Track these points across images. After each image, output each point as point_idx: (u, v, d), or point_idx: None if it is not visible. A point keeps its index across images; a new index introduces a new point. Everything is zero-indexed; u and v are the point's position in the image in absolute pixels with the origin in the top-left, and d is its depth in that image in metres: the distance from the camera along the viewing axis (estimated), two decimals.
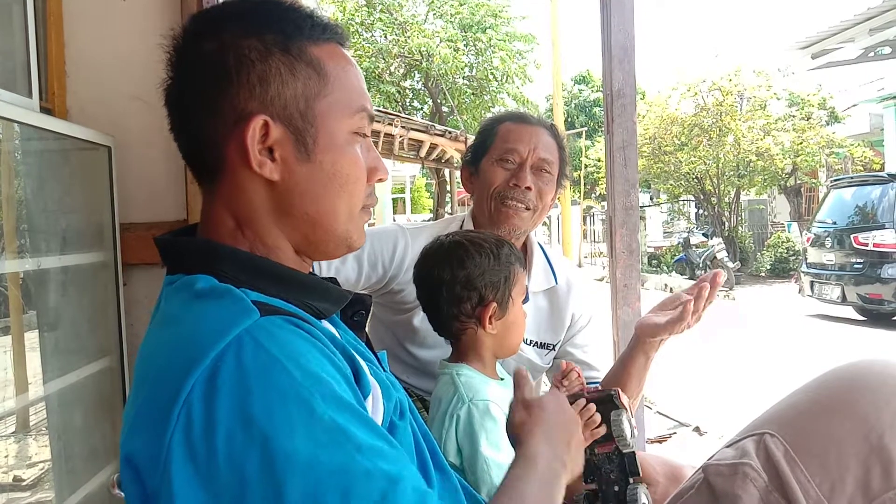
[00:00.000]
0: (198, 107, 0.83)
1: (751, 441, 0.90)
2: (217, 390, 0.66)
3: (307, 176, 0.83)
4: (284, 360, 0.69)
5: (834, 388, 0.91)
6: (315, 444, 0.65)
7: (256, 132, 0.80)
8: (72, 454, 2.07)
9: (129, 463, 0.72)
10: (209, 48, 0.82)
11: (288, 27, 0.83)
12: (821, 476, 0.84)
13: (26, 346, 2.05)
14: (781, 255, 15.33)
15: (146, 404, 0.72)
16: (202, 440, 0.65)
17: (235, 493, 0.64)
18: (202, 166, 0.86)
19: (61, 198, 2.10)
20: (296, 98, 0.82)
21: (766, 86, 16.41)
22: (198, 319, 0.73)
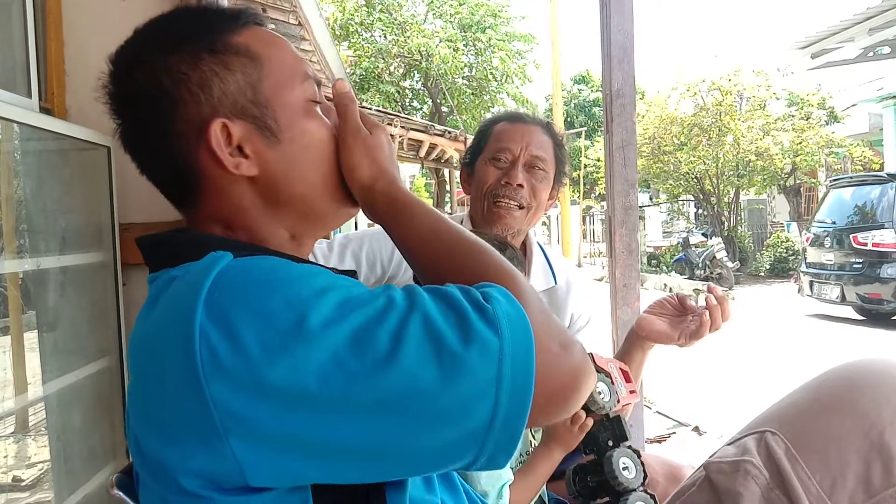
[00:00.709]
0: (157, 138, 0.83)
1: (752, 439, 0.90)
2: (224, 314, 0.66)
3: (284, 157, 0.84)
4: (273, 265, 0.72)
5: (834, 386, 0.92)
6: (337, 302, 0.67)
7: (219, 136, 0.80)
8: (71, 454, 2.07)
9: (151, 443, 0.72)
10: (141, 80, 0.82)
11: (204, 28, 0.84)
12: (822, 473, 0.84)
13: (25, 347, 2.05)
14: (781, 255, 15.34)
15: (163, 380, 0.70)
16: (239, 360, 0.64)
17: (295, 381, 0.64)
18: (182, 192, 0.86)
19: (60, 198, 2.10)
20: (241, 89, 0.82)
21: (766, 85, 16.42)
22: (183, 277, 0.73)
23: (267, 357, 0.64)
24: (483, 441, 0.67)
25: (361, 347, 0.65)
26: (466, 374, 0.65)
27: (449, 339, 0.66)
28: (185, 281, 0.72)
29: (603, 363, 1.26)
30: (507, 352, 0.66)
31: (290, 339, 0.64)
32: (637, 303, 2.18)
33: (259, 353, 0.64)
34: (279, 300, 0.67)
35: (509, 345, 0.67)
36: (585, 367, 0.73)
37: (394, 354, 0.65)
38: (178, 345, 0.67)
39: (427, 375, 0.65)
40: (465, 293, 0.70)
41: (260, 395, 0.64)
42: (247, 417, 0.65)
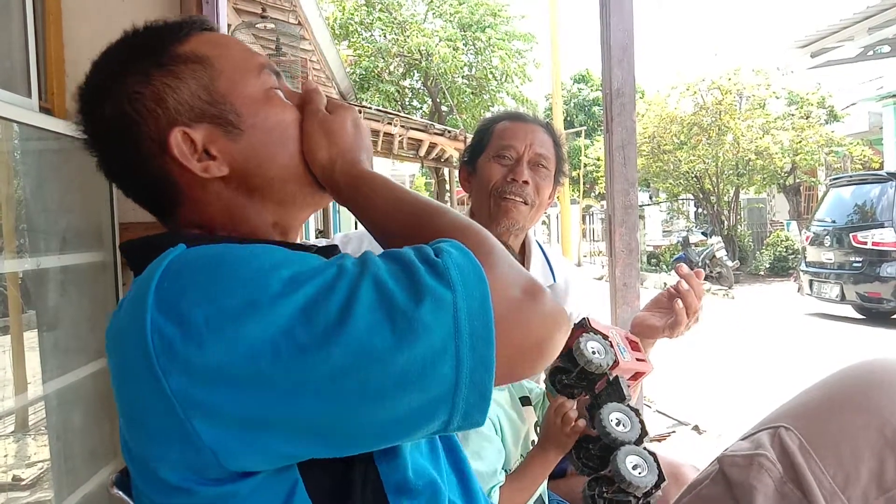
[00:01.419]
0: (129, 161, 0.84)
1: (766, 434, 0.91)
2: (172, 303, 0.66)
3: (250, 146, 0.84)
4: (221, 249, 0.70)
5: (848, 384, 0.93)
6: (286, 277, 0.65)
7: (181, 144, 0.81)
8: (71, 454, 2.07)
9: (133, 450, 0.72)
10: (105, 110, 0.83)
11: (150, 44, 0.85)
12: (835, 468, 0.85)
13: (25, 346, 2.05)
14: (780, 254, 15.34)
15: (125, 374, 0.71)
16: (192, 346, 0.64)
17: (247, 361, 0.63)
18: (163, 205, 0.87)
19: (60, 198, 2.10)
20: (195, 94, 0.83)
21: (766, 85, 16.41)
22: (140, 276, 0.73)
23: (217, 340, 0.63)
24: (452, 400, 0.64)
25: (311, 319, 0.63)
26: (422, 332, 0.63)
27: (399, 299, 0.64)
28: (141, 277, 0.72)
29: (601, 328, 1.25)
30: (461, 304, 0.64)
31: (238, 318, 0.64)
32: (637, 302, 2.18)
33: (209, 336, 0.64)
34: (226, 281, 0.66)
35: (462, 296, 0.65)
36: (556, 315, 0.70)
37: (344, 322, 0.63)
38: (135, 340, 0.67)
39: (380, 340, 0.63)
40: (417, 251, 0.69)
41: (215, 378, 0.64)
42: (207, 403, 0.64)
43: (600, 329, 1.25)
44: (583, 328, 1.23)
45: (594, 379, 1.22)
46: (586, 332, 1.22)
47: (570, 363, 1.24)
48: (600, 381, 1.22)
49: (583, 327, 1.23)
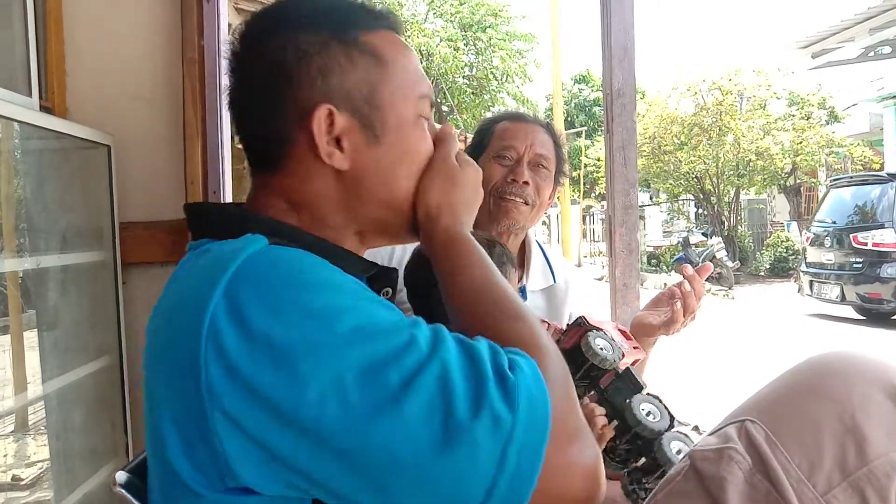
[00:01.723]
0: (261, 105, 0.84)
1: (733, 428, 0.94)
2: (239, 308, 0.65)
3: (378, 159, 0.84)
4: (300, 265, 0.70)
5: (807, 374, 0.97)
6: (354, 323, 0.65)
7: (322, 123, 0.81)
8: (71, 453, 2.07)
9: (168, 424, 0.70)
10: (270, 47, 0.83)
11: (341, 18, 0.85)
12: (800, 456, 0.87)
13: (25, 345, 2.05)
14: (781, 255, 15.34)
15: (169, 352, 0.70)
16: (243, 358, 0.63)
17: (292, 396, 0.62)
18: (264, 159, 0.87)
19: (61, 197, 2.10)
20: (358, 86, 0.83)
21: (766, 85, 16.41)
22: (207, 261, 0.73)
23: (268, 362, 0.63)
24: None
25: (368, 383, 0.62)
26: (468, 447, 0.61)
27: (459, 403, 0.62)
28: (213, 258, 0.71)
29: (597, 323, 1.26)
30: (517, 435, 0.62)
31: (295, 351, 0.63)
32: (637, 302, 2.18)
33: (262, 355, 0.63)
34: (296, 307, 0.65)
35: (522, 428, 0.62)
36: (597, 475, 0.67)
37: (399, 401, 0.61)
38: (190, 321, 0.67)
39: (426, 435, 0.61)
40: (493, 354, 0.67)
41: (252, 396, 0.63)
42: (235, 413, 0.64)
43: (597, 325, 1.25)
44: (582, 326, 1.23)
45: (598, 375, 1.22)
46: (591, 330, 1.22)
47: (571, 364, 1.24)
48: (604, 376, 1.22)
49: (582, 325, 1.23)
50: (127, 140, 2.14)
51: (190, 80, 2.12)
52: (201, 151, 2.13)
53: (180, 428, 0.68)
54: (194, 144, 2.12)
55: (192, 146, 2.12)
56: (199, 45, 2.13)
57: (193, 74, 2.12)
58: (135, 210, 2.13)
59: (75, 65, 2.14)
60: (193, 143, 2.12)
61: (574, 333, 1.24)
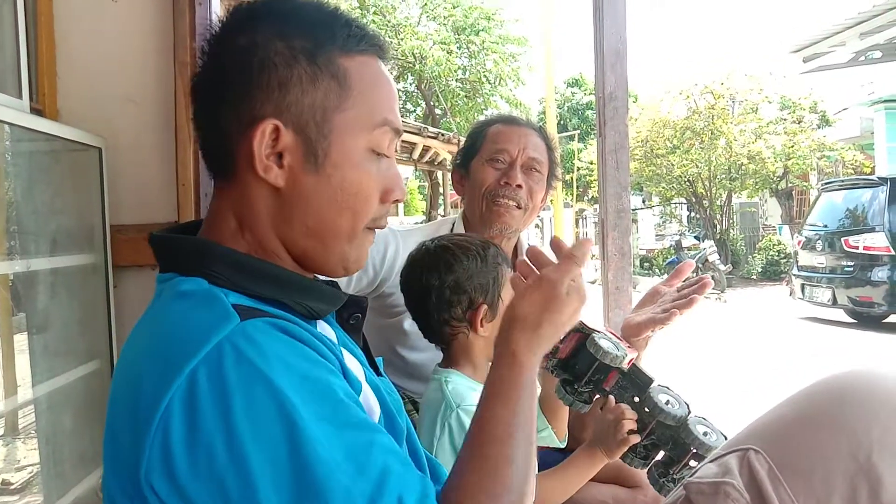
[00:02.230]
0: (219, 100, 0.82)
1: (734, 457, 0.87)
2: (197, 404, 0.65)
3: (313, 187, 0.82)
4: (265, 368, 0.68)
5: (821, 401, 0.88)
6: (299, 458, 0.65)
7: (266, 136, 0.79)
8: (61, 458, 2.06)
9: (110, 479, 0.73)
10: (241, 44, 0.81)
11: (321, 35, 0.83)
12: (805, 495, 0.80)
13: (15, 349, 2.03)
14: (773, 258, 15.39)
15: (124, 416, 0.71)
16: (182, 455, 0.65)
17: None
18: (214, 164, 0.86)
19: (51, 199, 2.09)
20: (313, 108, 0.81)
21: (758, 89, 16.48)
22: (176, 326, 0.72)
23: (208, 477, 0.64)
24: None
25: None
26: None
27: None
28: (181, 334, 0.71)
29: (593, 325, 1.26)
30: None
31: (235, 479, 0.64)
32: (629, 306, 2.18)
33: (203, 468, 0.65)
34: (252, 423, 0.65)
35: None
36: None
37: None
38: (146, 398, 0.67)
39: None
40: None
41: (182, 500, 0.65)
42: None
43: (593, 327, 1.25)
44: (581, 331, 1.23)
45: (601, 379, 1.22)
46: (595, 332, 1.22)
47: (569, 372, 1.24)
48: (608, 378, 1.22)
49: (580, 331, 1.23)
50: (118, 142, 2.13)
51: (182, 82, 2.11)
52: (193, 154, 2.12)
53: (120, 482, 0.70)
54: (186, 147, 2.11)
55: (184, 149, 2.11)
56: (191, 48, 2.12)
57: (186, 77, 2.11)
58: (126, 213, 2.12)
59: (66, 67, 2.13)
60: (185, 146, 2.11)
61: (572, 339, 1.23)
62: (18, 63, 1.98)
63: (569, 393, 1.22)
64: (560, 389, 1.24)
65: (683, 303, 1.40)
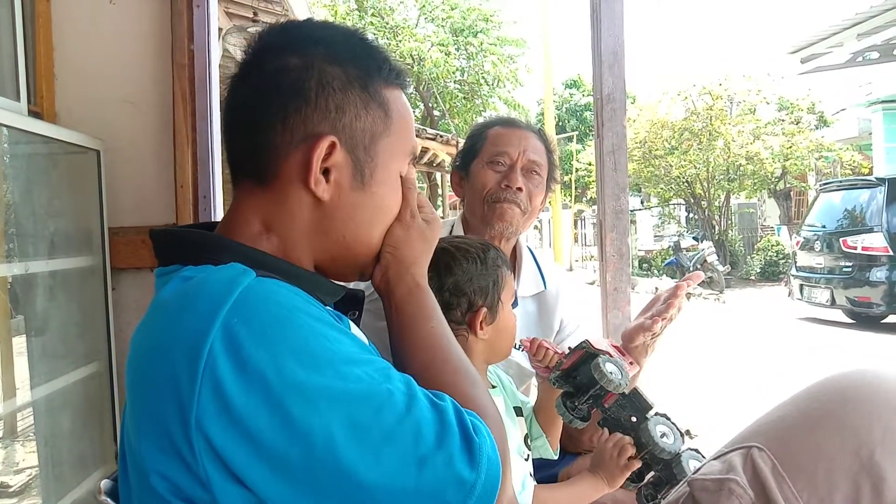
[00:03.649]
0: (267, 115, 0.86)
1: (738, 455, 0.88)
2: (238, 342, 0.68)
3: (357, 203, 0.88)
4: (290, 303, 0.73)
5: (824, 399, 0.89)
6: (342, 376, 0.70)
7: (323, 151, 0.84)
8: (59, 460, 2.06)
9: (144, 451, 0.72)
10: (294, 64, 0.86)
11: (370, 65, 0.90)
12: (809, 492, 0.81)
13: (14, 351, 2.03)
14: (771, 259, 15.40)
15: (158, 378, 0.71)
16: (237, 391, 0.66)
17: (282, 437, 0.66)
18: (249, 170, 0.89)
19: (50, 202, 2.09)
20: (364, 132, 0.87)
21: (756, 90, 16.49)
22: (199, 287, 0.74)
23: (265, 403, 0.66)
24: None
25: (353, 436, 0.68)
26: (437, 497, 0.70)
27: (431, 455, 0.70)
28: (204, 290, 0.73)
29: (599, 345, 1.26)
30: (476, 490, 0.71)
31: (293, 398, 0.67)
32: (627, 307, 2.18)
33: (259, 396, 0.66)
34: (293, 353, 0.69)
35: (481, 485, 0.72)
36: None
37: (379, 452, 0.68)
38: (185, 351, 0.68)
39: (401, 484, 0.69)
40: (458, 416, 0.75)
41: (241, 433, 0.66)
42: (221, 446, 0.67)
43: (600, 348, 1.25)
44: (585, 350, 1.24)
45: (602, 395, 1.22)
46: (598, 355, 1.22)
47: (570, 384, 1.24)
48: (607, 396, 1.22)
49: (585, 349, 1.24)
50: (116, 145, 2.13)
51: (180, 84, 2.11)
52: (191, 156, 2.12)
53: (161, 450, 0.70)
54: (184, 149, 2.11)
55: (181, 151, 2.11)
56: (189, 50, 2.12)
57: (183, 79, 2.11)
58: (124, 215, 2.12)
59: (64, 69, 2.13)
60: (183, 148, 2.11)
61: (577, 354, 1.24)
62: (16, 66, 1.98)
63: (568, 409, 1.23)
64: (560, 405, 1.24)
65: (663, 308, 1.41)
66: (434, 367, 0.87)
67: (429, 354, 0.88)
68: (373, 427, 0.69)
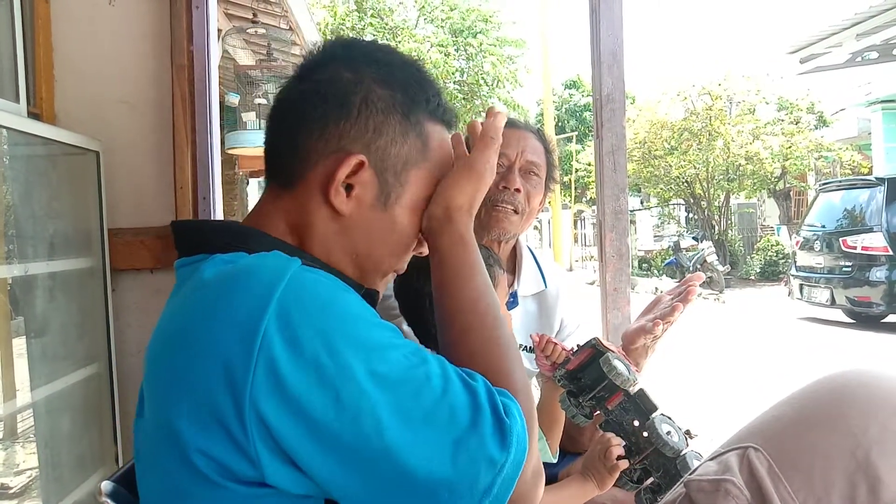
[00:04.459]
0: (308, 120, 0.88)
1: (734, 455, 0.88)
2: (292, 325, 0.69)
3: (374, 222, 0.89)
4: (337, 292, 0.76)
5: (820, 399, 0.89)
6: (385, 360, 0.72)
7: (350, 167, 0.85)
8: (60, 462, 2.06)
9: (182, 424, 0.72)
10: (346, 77, 0.88)
11: (417, 95, 0.91)
12: (805, 492, 0.81)
13: (14, 353, 2.03)
14: (771, 259, 15.40)
15: (203, 361, 0.71)
16: (292, 372, 0.68)
17: (333, 418, 0.68)
18: (279, 171, 0.91)
19: (49, 203, 2.09)
20: (398, 157, 0.88)
21: (755, 90, 16.50)
22: (250, 270, 0.75)
23: (318, 383, 0.68)
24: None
25: (397, 415, 0.70)
26: (471, 474, 0.71)
27: (466, 435, 0.71)
28: (256, 273, 0.74)
29: (607, 344, 1.26)
30: (505, 469, 0.72)
31: (344, 380, 0.69)
32: (627, 307, 2.18)
33: (312, 376, 0.68)
34: (344, 337, 0.71)
35: (510, 465, 0.73)
36: (535, 495, 0.80)
37: (418, 432, 0.70)
38: (236, 332, 0.70)
39: (438, 461, 0.70)
40: (490, 397, 0.75)
41: (295, 412, 0.68)
42: (275, 425, 0.68)
43: (609, 346, 1.25)
44: (594, 348, 1.24)
45: (605, 396, 1.22)
46: (610, 351, 1.22)
47: (575, 384, 1.24)
48: (612, 397, 1.22)
49: (594, 347, 1.24)
50: (116, 146, 2.13)
51: (179, 85, 2.11)
52: (191, 157, 2.12)
53: (204, 429, 0.71)
54: (184, 150, 2.11)
55: (181, 152, 2.11)
56: (188, 51, 2.12)
57: (183, 80, 2.11)
58: (124, 216, 2.12)
59: (63, 70, 2.13)
60: (183, 149, 2.11)
61: (584, 353, 1.24)
62: (15, 67, 1.98)
63: (573, 404, 1.23)
64: (565, 399, 1.24)
65: (668, 311, 1.40)
66: (471, 334, 0.86)
67: (467, 319, 0.87)
68: (414, 409, 0.71)
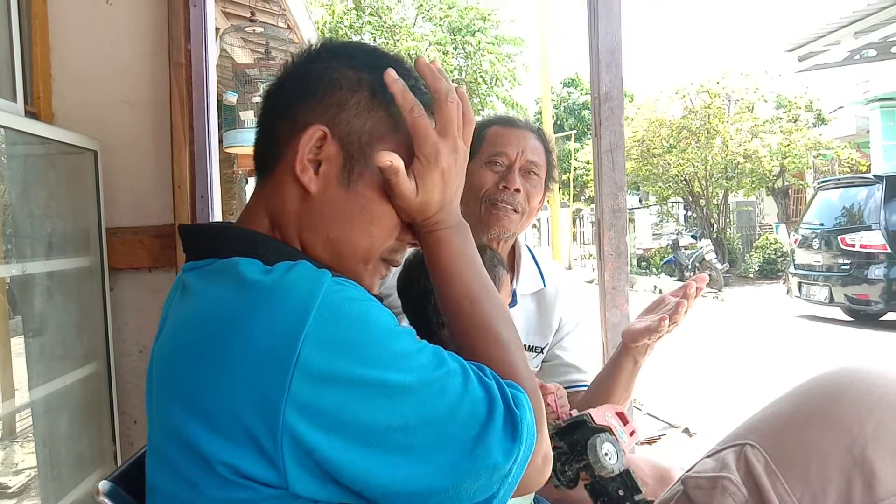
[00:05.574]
0: (279, 107, 0.89)
1: (731, 452, 0.88)
2: (331, 341, 0.70)
3: (340, 200, 0.86)
4: (367, 304, 0.76)
5: (817, 396, 0.89)
6: (411, 368, 0.74)
7: (313, 140, 0.84)
8: (58, 461, 2.05)
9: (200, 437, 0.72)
10: (315, 67, 0.88)
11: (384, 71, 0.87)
12: (801, 489, 0.82)
13: (12, 352, 2.03)
14: (769, 257, 15.41)
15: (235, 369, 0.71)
16: (327, 386, 0.69)
17: (367, 429, 0.70)
18: (262, 161, 0.91)
19: (47, 202, 2.08)
20: (361, 131, 0.86)
21: (754, 88, 16.50)
22: (286, 284, 0.75)
23: (355, 395, 0.70)
24: None
25: (424, 422, 0.72)
26: (488, 467, 0.74)
27: (483, 432, 0.74)
28: (294, 287, 0.74)
29: (601, 418, 1.22)
30: (518, 457, 0.75)
31: (378, 391, 0.71)
32: (626, 305, 2.18)
33: (348, 388, 0.70)
34: (378, 351, 0.72)
35: (522, 453, 0.75)
36: (544, 476, 0.82)
37: (443, 433, 0.73)
38: (272, 345, 0.70)
39: (459, 457, 0.73)
40: (501, 390, 0.77)
41: (333, 433, 0.69)
42: (314, 447, 0.69)
43: (602, 422, 1.22)
44: (583, 423, 1.21)
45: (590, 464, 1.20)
46: (602, 432, 1.19)
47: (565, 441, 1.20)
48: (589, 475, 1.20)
49: (584, 422, 1.21)
50: (114, 145, 2.13)
51: (177, 84, 2.11)
52: (188, 156, 2.12)
53: (228, 439, 0.71)
54: (181, 149, 2.11)
55: (179, 151, 2.11)
56: (185, 50, 2.12)
57: (180, 78, 2.11)
58: (122, 215, 2.12)
59: (61, 69, 2.13)
60: (181, 148, 2.11)
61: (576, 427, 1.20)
62: (13, 66, 1.98)
63: (556, 473, 1.20)
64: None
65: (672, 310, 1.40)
66: (479, 335, 0.86)
67: (475, 293, 0.87)
68: (439, 410, 0.73)
